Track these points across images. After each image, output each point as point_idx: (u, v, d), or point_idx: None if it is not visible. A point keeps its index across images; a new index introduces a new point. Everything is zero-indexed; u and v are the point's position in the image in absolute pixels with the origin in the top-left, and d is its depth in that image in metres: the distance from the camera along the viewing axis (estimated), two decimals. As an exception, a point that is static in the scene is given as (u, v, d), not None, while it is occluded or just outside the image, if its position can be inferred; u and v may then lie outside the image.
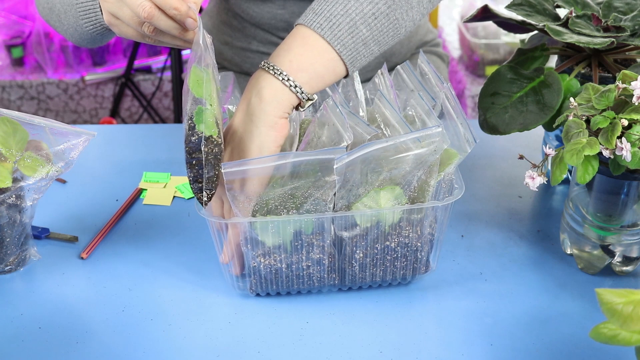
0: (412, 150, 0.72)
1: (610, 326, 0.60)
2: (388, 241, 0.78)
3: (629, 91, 0.75)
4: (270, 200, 0.74)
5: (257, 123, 0.77)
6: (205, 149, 0.71)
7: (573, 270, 0.87)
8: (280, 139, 0.78)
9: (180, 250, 0.90)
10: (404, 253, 0.79)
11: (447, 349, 0.76)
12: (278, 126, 0.77)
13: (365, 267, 0.80)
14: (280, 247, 0.76)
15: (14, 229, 0.82)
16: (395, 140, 0.72)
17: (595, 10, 0.93)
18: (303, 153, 0.72)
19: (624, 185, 0.80)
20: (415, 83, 0.86)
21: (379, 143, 0.71)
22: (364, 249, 0.78)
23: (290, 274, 0.79)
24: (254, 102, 0.77)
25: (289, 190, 0.74)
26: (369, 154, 0.72)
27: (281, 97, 0.77)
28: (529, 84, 0.90)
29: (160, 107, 2.56)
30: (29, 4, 2.46)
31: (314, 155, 0.71)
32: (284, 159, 0.72)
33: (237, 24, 1.19)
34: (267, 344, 0.76)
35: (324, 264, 0.78)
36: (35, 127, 0.79)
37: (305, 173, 0.73)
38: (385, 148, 0.72)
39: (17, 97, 2.46)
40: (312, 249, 0.77)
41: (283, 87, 0.77)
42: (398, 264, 0.80)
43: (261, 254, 0.77)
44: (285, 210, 0.75)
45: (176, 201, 1.00)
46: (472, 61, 2.42)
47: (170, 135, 1.17)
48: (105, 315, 0.80)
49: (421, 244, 0.79)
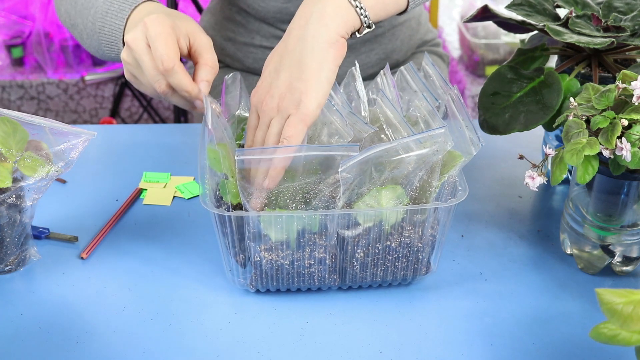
0: (414, 150, 0.72)
1: (610, 326, 0.60)
2: (389, 241, 0.78)
3: (629, 91, 0.75)
4: (278, 194, 0.74)
5: (317, 39, 0.75)
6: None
7: (573, 270, 0.87)
8: (339, 58, 0.76)
9: (180, 250, 0.90)
10: (405, 253, 0.79)
11: (447, 349, 0.76)
12: (339, 45, 0.76)
13: (366, 266, 0.80)
14: (284, 243, 0.76)
15: (14, 229, 0.82)
16: (399, 142, 0.72)
17: (595, 10, 0.93)
18: (315, 147, 0.72)
19: (624, 185, 0.80)
20: (419, 85, 0.86)
21: (383, 145, 0.71)
22: (365, 248, 0.78)
23: (292, 271, 0.79)
24: (315, 18, 0.76)
25: (298, 185, 0.74)
26: (372, 155, 0.72)
27: (345, 16, 0.76)
28: (529, 84, 0.90)
29: (160, 107, 2.56)
30: (29, 4, 2.46)
31: (326, 150, 0.71)
32: (296, 152, 0.72)
33: (241, 19, 1.20)
34: (267, 343, 0.76)
35: (326, 263, 0.79)
36: (35, 127, 0.79)
37: (314, 169, 0.73)
38: (388, 149, 0.72)
39: (17, 97, 2.46)
40: (316, 247, 0.77)
41: (349, 6, 0.77)
42: (399, 264, 0.80)
43: (265, 249, 0.77)
44: (294, 204, 0.75)
45: (176, 201, 1.00)
46: (472, 61, 2.42)
47: (170, 135, 1.17)
48: (105, 315, 0.80)
49: (422, 244, 0.79)
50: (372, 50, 1.23)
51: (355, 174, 0.72)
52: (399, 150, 0.72)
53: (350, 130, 0.75)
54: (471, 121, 0.78)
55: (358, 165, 0.71)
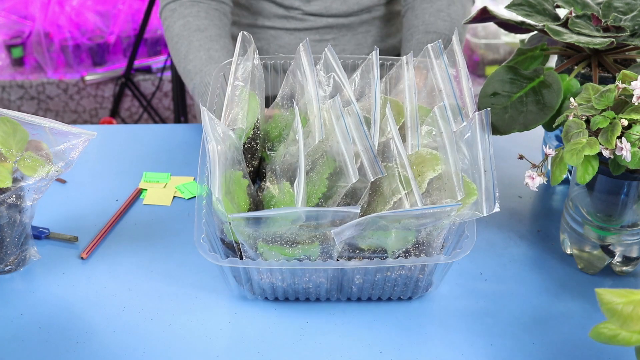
0: (418, 220, 0.69)
1: (610, 326, 0.60)
2: (389, 272, 0.76)
3: (628, 91, 0.75)
4: (275, 238, 0.72)
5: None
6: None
7: (573, 270, 0.87)
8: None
9: (181, 251, 0.90)
10: (405, 282, 0.78)
11: (447, 349, 0.76)
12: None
13: (364, 290, 0.79)
14: (283, 271, 0.75)
15: (14, 229, 0.82)
16: (403, 213, 0.68)
17: (595, 10, 0.93)
18: (316, 210, 0.68)
19: (624, 185, 0.80)
20: (446, 86, 0.81)
21: (383, 214, 0.68)
22: (363, 276, 0.77)
23: (290, 290, 0.79)
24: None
25: (297, 229, 0.71)
26: (369, 219, 0.68)
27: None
28: (529, 84, 0.90)
29: (160, 107, 2.56)
30: (29, 4, 2.46)
31: (325, 211, 0.68)
32: (295, 210, 0.68)
33: (245, 1, 1.26)
34: (267, 344, 0.76)
35: (325, 287, 0.78)
36: (35, 127, 0.79)
37: (312, 224, 0.71)
38: (388, 217, 0.68)
39: (17, 97, 2.46)
40: (315, 274, 0.76)
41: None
42: (397, 289, 0.79)
43: (262, 272, 0.76)
44: (291, 244, 0.72)
45: (176, 201, 1.00)
46: (472, 61, 2.42)
47: (170, 135, 1.17)
48: (105, 315, 0.80)
49: (423, 275, 0.78)
50: (369, 32, 1.28)
51: (352, 231, 0.69)
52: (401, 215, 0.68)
53: (356, 173, 0.71)
54: (493, 167, 0.73)
55: (354, 225, 0.68)
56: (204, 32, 1.11)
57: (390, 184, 0.74)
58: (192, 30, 1.12)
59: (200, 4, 1.15)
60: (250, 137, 0.84)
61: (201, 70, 1.08)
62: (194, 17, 1.13)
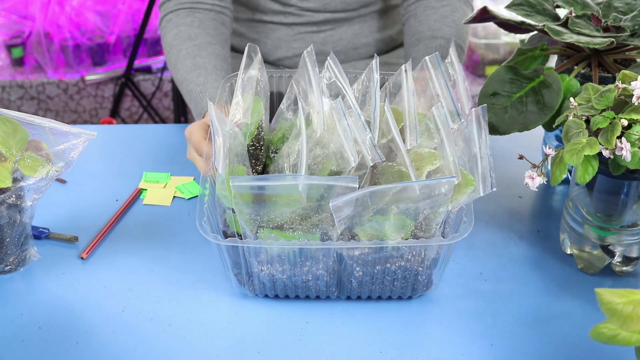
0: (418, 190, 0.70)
1: (610, 326, 0.60)
2: (389, 264, 0.76)
3: (628, 91, 0.75)
4: (275, 217, 0.73)
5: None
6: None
7: (573, 270, 0.87)
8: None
9: (180, 250, 0.90)
10: (404, 275, 0.78)
11: (447, 349, 0.76)
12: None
13: (363, 284, 0.79)
14: (282, 259, 0.76)
15: (14, 229, 0.82)
16: (401, 185, 0.69)
17: (595, 10, 0.93)
18: (315, 178, 0.70)
19: (624, 185, 0.80)
20: (443, 89, 0.82)
21: (380, 187, 0.69)
22: (363, 268, 0.77)
23: (290, 284, 0.79)
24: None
25: (297, 209, 0.72)
26: (367, 192, 0.69)
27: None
28: (529, 84, 0.90)
29: (160, 107, 2.56)
30: (29, 4, 2.46)
31: (325, 181, 0.70)
32: (294, 181, 0.70)
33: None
34: (267, 344, 0.76)
35: (324, 280, 0.78)
36: (35, 127, 0.79)
37: (314, 196, 0.71)
38: (385, 190, 0.70)
39: (17, 97, 2.46)
40: (315, 264, 0.76)
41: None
42: (397, 284, 0.80)
43: (262, 262, 0.76)
44: (292, 229, 0.73)
45: (176, 201, 1.00)
46: (472, 61, 2.42)
47: (170, 135, 1.17)
48: (105, 315, 0.80)
49: (423, 268, 0.78)
50: (366, 22, 1.30)
51: (351, 208, 0.70)
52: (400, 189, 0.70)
53: (356, 156, 0.73)
54: (489, 153, 0.74)
55: (352, 200, 0.69)
56: (193, 41, 1.11)
57: (388, 180, 0.76)
58: (183, 39, 1.12)
59: (196, 14, 1.15)
60: (254, 138, 0.84)
61: (185, 79, 1.08)
62: (186, 27, 1.14)
